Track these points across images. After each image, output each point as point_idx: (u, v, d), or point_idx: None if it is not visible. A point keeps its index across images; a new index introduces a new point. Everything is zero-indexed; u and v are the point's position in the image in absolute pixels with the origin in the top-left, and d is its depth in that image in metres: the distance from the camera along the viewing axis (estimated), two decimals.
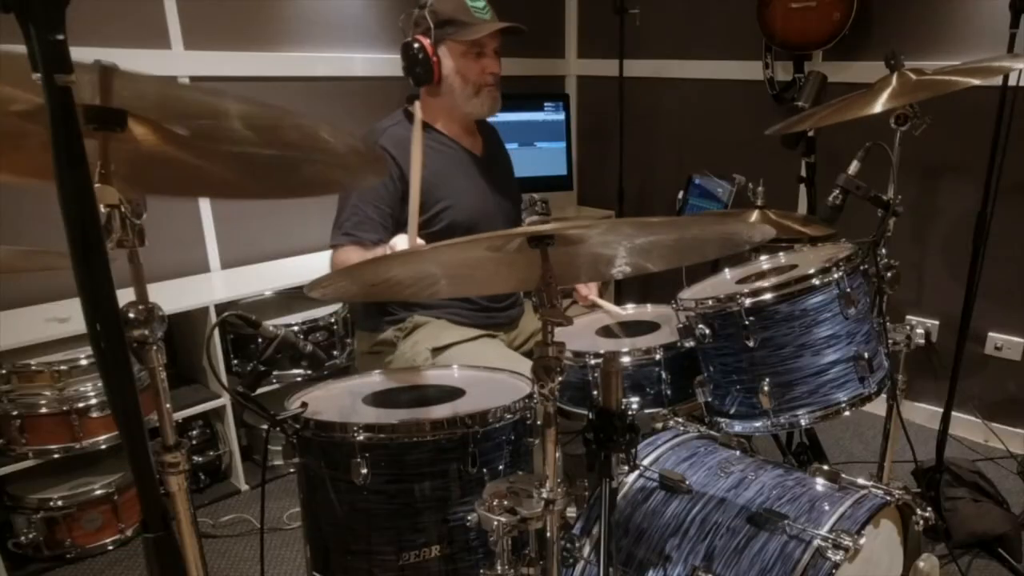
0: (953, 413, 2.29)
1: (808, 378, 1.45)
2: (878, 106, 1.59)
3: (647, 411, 1.62)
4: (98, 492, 2.23)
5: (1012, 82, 2.14)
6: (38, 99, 0.64)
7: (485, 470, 1.25)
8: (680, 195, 2.96)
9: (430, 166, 1.90)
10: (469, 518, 1.13)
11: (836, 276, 1.44)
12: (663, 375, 1.61)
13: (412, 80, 1.89)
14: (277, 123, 1.02)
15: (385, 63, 3.06)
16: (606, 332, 1.84)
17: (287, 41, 2.83)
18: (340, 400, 1.40)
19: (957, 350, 2.28)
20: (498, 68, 1.92)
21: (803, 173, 2.27)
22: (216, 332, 2.46)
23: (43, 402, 2.09)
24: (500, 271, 1.20)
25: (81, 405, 2.12)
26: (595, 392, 1.59)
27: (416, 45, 1.84)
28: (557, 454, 1.07)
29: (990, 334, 2.81)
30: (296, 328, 2.55)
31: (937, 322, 2.92)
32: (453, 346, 1.83)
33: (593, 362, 1.60)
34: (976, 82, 1.56)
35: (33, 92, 0.79)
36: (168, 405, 0.97)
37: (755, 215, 2.05)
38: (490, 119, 2.06)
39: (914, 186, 2.85)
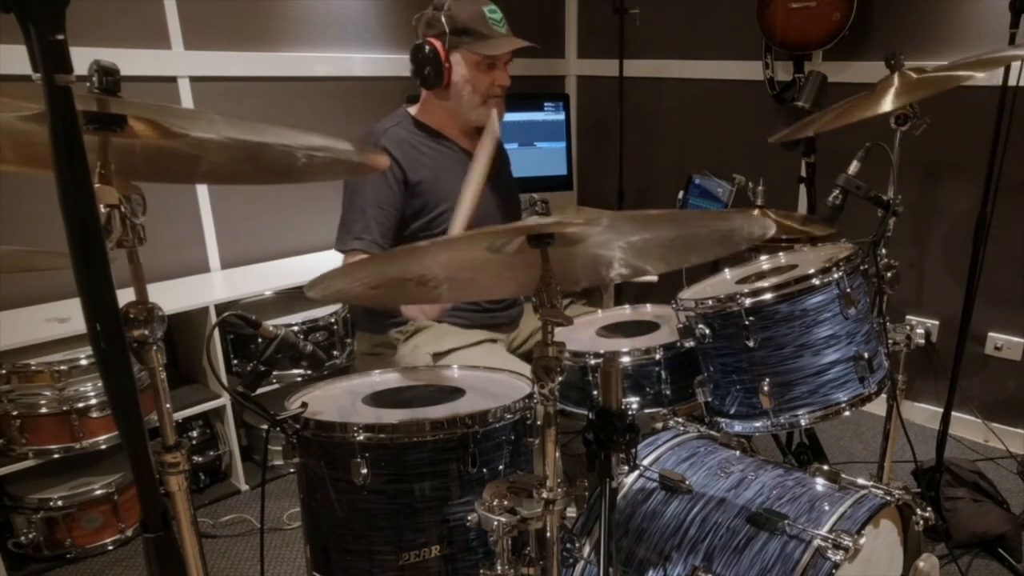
0: (953, 413, 2.30)
1: (808, 378, 1.45)
2: (885, 106, 1.58)
3: (647, 411, 1.62)
4: (98, 492, 2.23)
5: (1012, 82, 2.14)
6: (40, 107, 0.64)
7: (485, 470, 1.25)
8: (680, 195, 2.96)
9: (432, 168, 1.90)
10: (469, 518, 1.13)
11: (836, 276, 1.44)
12: (663, 375, 1.61)
13: (420, 82, 1.88)
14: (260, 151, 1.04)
15: (385, 63, 3.07)
16: (606, 331, 1.84)
17: (287, 41, 2.84)
18: (340, 400, 1.40)
19: (957, 350, 2.28)
20: (508, 81, 1.91)
21: (803, 173, 2.27)
22: (216, 332, 2.46)
23: (43, 402, 2.09)
24: (501, 274, 1.20)
25: (81, 405, 2.12)
26: (595, 392, 1.59)
27: (428, 48, 1.83)
28: (557, 454, 1.07)
29: (990, 334, 2.81)
30: (296, 328, 2.55)
31: (937, 322, 2.92)
32: (454, 351, 1.83)
33: (593, 362, 1.60)
34: (979, 75, 1.54)
35: (35, 101, 0.80)
36: (168, 405, 0.97)
37: (755, 215, 2.05)
38: None
39: (914, 186, 2.85)
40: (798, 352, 1.44)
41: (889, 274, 1.68)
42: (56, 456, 2.14)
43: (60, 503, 2.17)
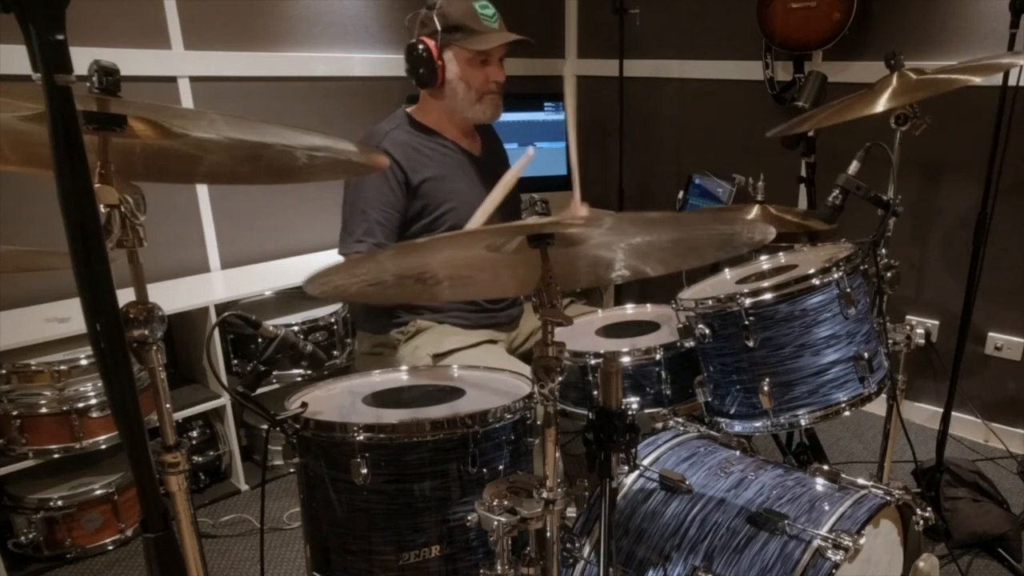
0: (953, 413, 2.29)
1: (808, 378, 1.45)
2: (879, 106, 1.59)
3: (647, 411, 1.62)
4: (98, 492, 2.23)
5: (1012, 82, 2.14)
6: (40, 107, 0.64)
7: (485, 470, 1.25)
8: (680, 195, 2.96)
9: (432, 169, 1.90)
10: (469, 518, 1.13)
11: (836, 276, 1.44)
12: (663, 375, 1.61)
13: (415, 81, 1.89)
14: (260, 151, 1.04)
15: (385, 63, 3.07)
16: (606, 331, 1.84)
17: (287, 41, 2.83)
18: (340, 400, 1.40)
19: (957, 350, 2.28)
20: (502, 77, 1.92)
21: (803, 173, 2.27)
22: (216, 332, 2.46)
23: (43, 402, 2.09)
24: (500, 274, 1.20)
25: (81, 405, 2.12)
26: (595, 392, 1.59)
27: (421, 47, 1.83)
28: (557, 454, 1.07)
29: (990, 334, 2.81)
30: (296, 328, 2.54)
31: (937, 322, 2.92)
32: (455, 352, 1.83)
33: (593, 362, 1.60)
34: (977, 80, 1.56)
35: (35, 101, 0.80)
36: (168, 405, 0.97)
37: (755, 210, 2.05)
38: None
39: (914, 186, 2.85)
40: (798, 352, 1.44)
41: (889, 274, 1.68)
42: (56, 456, 2.14)
43: (60, 503, 2.17)
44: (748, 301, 1.44)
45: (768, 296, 1.44)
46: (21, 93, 0.82)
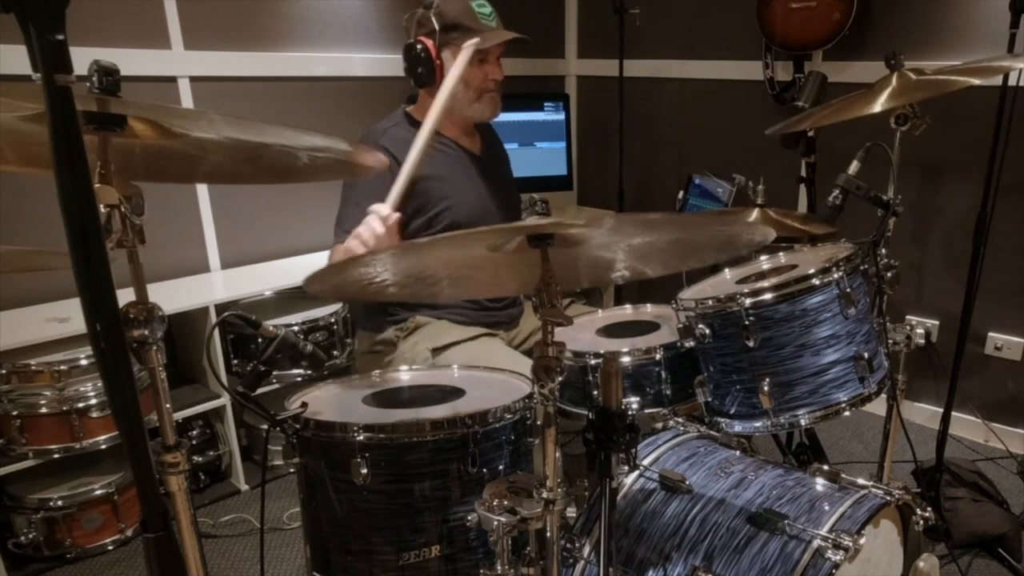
0: (953, 413, 2.29)
1: (808, 378, 1.45)
2: (878, 106, 1.60)
3: (647, 411, 1.62)
4: (98, 492, 2.23)
5: (1012, 82, 2.14)
6: (40, 107, 0.64)
7: (485, 470, 1.25)
8: (680, 195, 2.96)
9: (431, 168, 1.90)
10: (469, 518, 1.13)
11: (836, 276, 1.44)
12: (663, 375, 1.61)
13: (414, 81, 1.89)
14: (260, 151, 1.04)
15: (385, 63, 3.07)
16: (606, 331, 1.84)
17: (287, 41, 2.84)
18: (340, 400, 1.40)
19: (957, 350, 2.28)
20: (501, 75, 1.92)
21: (803, 173, 2.27)
22: (216, 332, 2.46)
23: (43, 402, 2.09)
24: (500, 273, 1.20)
25: (81, 405, 2.12)
26: (595, 392, 1.59)
27: (420, 47, 1.83)
28: (557, 454, 1.07)
29: (990, 334, 2.81)
30: (296, 328, 2.55)
31: (937, 322, 2.92)
32: (453, 346, 1.83)
33: (593, 362, 1.60)
34: (976, 82, 1.56)
35: (35, 101, 0.80)
36: (168, 405, 0.97)
37: (755, 214, 2.05)
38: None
39: (914, 186, 2.85)
40: (798, 352, 1.44)
41: (889, 274, 1.68)
42: (56, 456, 2.14)
43: (60, 503, 2.17)
44: (748, 301, 1.44)
45: (768, 296, 1.44)
46: (21, 93, 0.82)
